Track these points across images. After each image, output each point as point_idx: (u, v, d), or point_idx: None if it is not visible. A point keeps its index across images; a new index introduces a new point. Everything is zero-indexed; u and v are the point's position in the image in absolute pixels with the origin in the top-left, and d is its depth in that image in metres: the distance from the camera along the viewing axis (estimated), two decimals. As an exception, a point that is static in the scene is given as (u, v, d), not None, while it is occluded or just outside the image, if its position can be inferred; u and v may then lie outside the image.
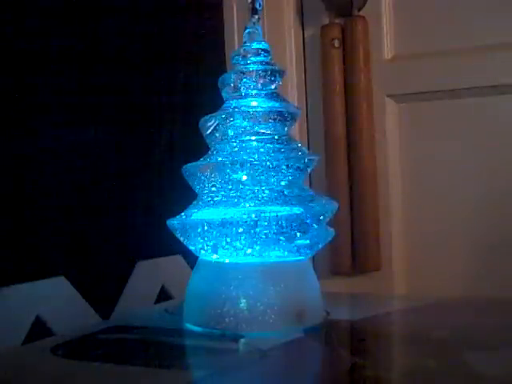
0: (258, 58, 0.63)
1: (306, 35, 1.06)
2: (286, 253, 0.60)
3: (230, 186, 0.61)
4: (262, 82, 0.63)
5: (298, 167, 0.61)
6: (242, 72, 0.63)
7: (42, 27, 0.69)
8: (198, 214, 0.61)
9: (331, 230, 0.63)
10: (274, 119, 0.62)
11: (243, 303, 0.59)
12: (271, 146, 0.61)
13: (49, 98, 0.69)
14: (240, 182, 0.60)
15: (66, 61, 0.72)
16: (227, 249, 0.60)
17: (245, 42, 0.64)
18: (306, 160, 0.62)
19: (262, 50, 0.64)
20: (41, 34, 0.69)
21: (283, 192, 0.61)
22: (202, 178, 0.62)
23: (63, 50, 0.71)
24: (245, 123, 0.62)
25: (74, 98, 0.72)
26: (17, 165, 0.66)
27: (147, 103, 0.83)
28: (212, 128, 0.63)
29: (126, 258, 0.76)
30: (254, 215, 0.58)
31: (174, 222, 0.62)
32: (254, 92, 0.63)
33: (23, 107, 0.67)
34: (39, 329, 0.63)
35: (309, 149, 1.02)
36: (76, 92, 0.73)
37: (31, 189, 0.67)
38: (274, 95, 0.64)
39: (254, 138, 0.62)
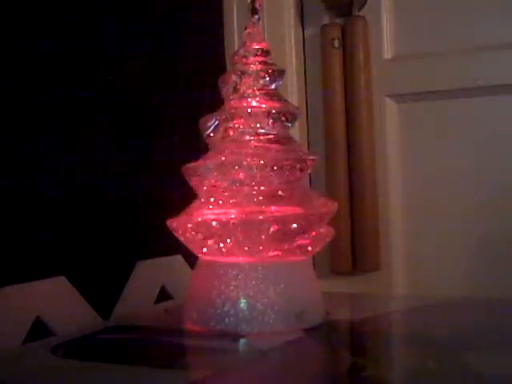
0: (258, 58, 0.63)
1: (306, 35, 1.06)
2: (286, 253, 0.60)
3: (229, 186, 0.61)
4: (262, 82, 0.63)
5: (298, 167, 0.61)
6: (242, 72, 0.63)
7: (41, 26, 0.69)
8: (197, 214, 0.61)
9: (331, 229, 0.63)
10: (274, 119, 0.62)
11: (243, 303, 0.59)
12: (271, 146, 0.61)
13: (48, 98, 0.69)
14: (240, 181, 0.60)
15: (65, 60, 0.72)
16: (227, 249, 0.60)
17: (245, 42, 0.64)
18: (306, 160, 0.62)
19: (262, 50, 0.64)
20: (40, 33, 0.69)
21: (283, 192, 0.61)
22: (202, 177, 0.62)
23: (63, 50, 0.71)
24: (245, 123, 0.62)
25: (74, 97, 0.72)
26: (17, 165, 0.66)
27: (147, 103, 0.83)
28: (212, 128, 0.63)
29: (126, 258, 0.76)
30: (253, 215, 0.58)
31: (173, 222, 0.62)
32: (254, 92, 0.63)
33: (23, 107, 0.67)
34: (39, 329, 0.63)
35: (309, 149, 1.02)
36: (75, 92, 0.73)
37: (31, 188, 0.67)
38: (274, 95, 0.64)
39: (253, 137, 0.62)
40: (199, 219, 0.61)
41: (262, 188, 0.60)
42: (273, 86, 0.64)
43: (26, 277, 0.63)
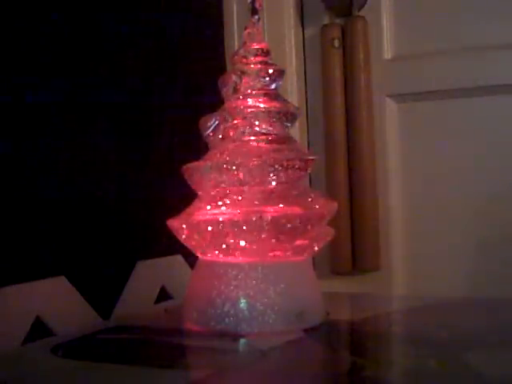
0: (258, 58, 0.63)
1: (306, 35, 1.06)
2: (286, 253, 0.60)
3: (229, 186, 0.61)
4: (261, 81, 0.63)
5: (298, 167, 0.61)
6: (242, 72, 0.63)
7: (40, 25, 0.69)
8: (197, 214, 0.61)
9: (331, 229, 0.63)
10: (274, 119, 0.62)
11: (243, 303, 0.59)
12: (271, 146, 0.61)
13: (48, 98, 0.69)
14: (240, 181, 0.60)
15: (65, 60, 0.72)
16: (227, 249, 0.60)
17: (245, 42, 0.64)
18: (306, 160, 0.62)
19: (262, 50, 0.64)
20: (40, 33, 0.69)
21: (283, 192, 0.61)
22: (202, 178, 0.62)
23: (62, 50, 0.71)
24: (245, 123, 0.62)
25: (74, 97, 0.72)
26: (17, 165, 0.66)
27: (147, 103, 0.83)
28: (212, 128, 0.63)
29: (126, 258, 0.76)
30: (253, 215, 0.58)
31: (174, 222, 0.62)
32: (254, 92, 0.63)
33: (23, 107, 0.67)
34: (39, 329, 0.63)
35: (309, 149, 1.02)
36: (75, 92, 0.73)
37: (31, 188, 0.67)
38: (274, 95, 0.64)
39: (253, 137, 0.62)
40: (199, 219, 0.61)
41: (261, 188, 0.60)
42: (273, 86, 0.64)
43: (25, 277, 0.63)
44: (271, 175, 0.60)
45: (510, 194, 0.95)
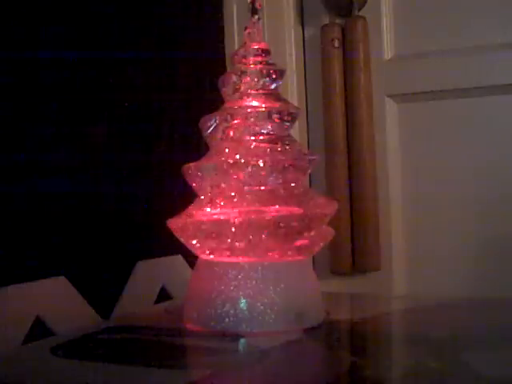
0: (258, 58, 0.63)
1: (306, 35, 1.06)
2: (286, 253, 0.60)
3: (229, 186, 0.61)
4: (262, 82, 0.63)
5: (298, 167, 0.61)
6: (242, 72, 0.63)
7: (39, 26, 0.69)
8: (197, 214, 0.61)
9: (331, 229, 0.63)
10: (274, 119, 0.62)
11: (243, 303, 0.59)
12: (271, 146, 0.61)
13: (49, 98, 0.69)
14: (240, 182, 0.60)
15: (66, 61, 0.72)
16: (227, 249, 0.60)
17: (245, 42, 0.64)
18: (306, 160, 0.62)
19: (262, 49, 0.64)
20: (40, 33, 0.69)
21: (283, 192, 0.61)
22: (202, 177, 0.62)
23: (64, 51, 0.71)
24: (245, 123, 0.62)
25: (74, 97, 0.72)
26: (16, 165, 0.66)
27: (147, 103, 0.83)
28: (212, 128, 0.63)
29: (126, 258, 0.76)
30: (253, 215, 0.58)
31: (173, 222, 0.62)
32: (254, 92, 0.63)
33: (24, 106, 0.67)
34: (39, 329, 0.63)
35: (309, 149, 1.02)
36: (76, 92, 0.73)
37: (31, 188, 0.67)
38: (274, 95, 0.64)
39: (253, 137, 0.62)
40: (199, 219, 0.61)
41: (262, 188, 0.60)
42: (273, 86, 0.64)
43: (26, 277, 0.63)
44: (271, 175, 0.60)
45: (510, 194, 0.95)
